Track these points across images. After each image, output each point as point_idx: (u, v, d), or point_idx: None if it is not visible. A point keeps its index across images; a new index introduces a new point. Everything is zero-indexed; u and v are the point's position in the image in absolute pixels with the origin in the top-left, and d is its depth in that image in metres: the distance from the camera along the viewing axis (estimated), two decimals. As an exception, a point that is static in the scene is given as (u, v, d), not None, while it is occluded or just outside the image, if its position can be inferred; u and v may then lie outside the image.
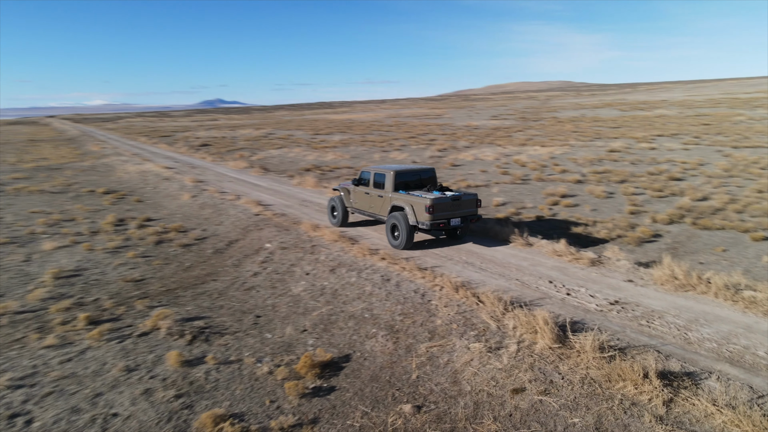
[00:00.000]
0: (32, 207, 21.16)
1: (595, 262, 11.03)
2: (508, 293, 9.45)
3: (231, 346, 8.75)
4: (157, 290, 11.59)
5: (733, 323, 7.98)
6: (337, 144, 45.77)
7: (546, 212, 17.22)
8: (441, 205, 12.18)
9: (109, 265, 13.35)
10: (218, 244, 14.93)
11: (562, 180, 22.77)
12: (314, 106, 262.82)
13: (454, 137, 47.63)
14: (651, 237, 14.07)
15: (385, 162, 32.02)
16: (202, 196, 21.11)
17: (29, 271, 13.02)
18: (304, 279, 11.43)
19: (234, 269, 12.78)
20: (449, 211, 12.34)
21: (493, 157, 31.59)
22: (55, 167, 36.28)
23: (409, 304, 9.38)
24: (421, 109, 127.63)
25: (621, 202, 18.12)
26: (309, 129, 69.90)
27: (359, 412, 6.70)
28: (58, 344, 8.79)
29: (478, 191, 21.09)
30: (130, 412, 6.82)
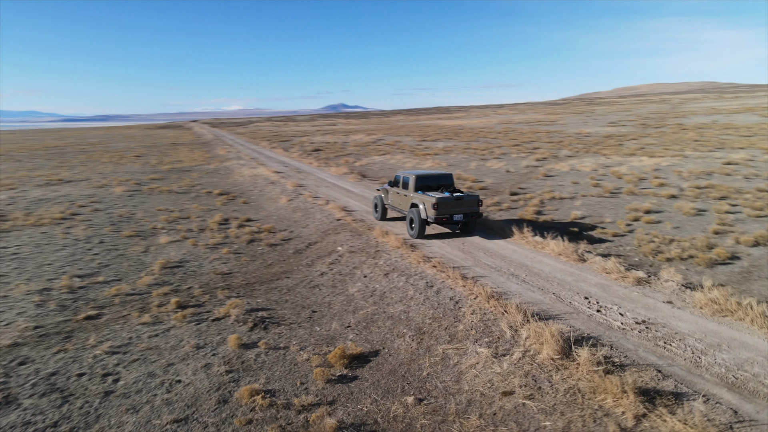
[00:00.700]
0: (159, 205, 24.56)
1: (642, 281, 11.04)
2: (537, 306, 9.95)
3: (283, 335, 10.17)
4: (238, 283, 13.42)
5: (756, 351, 7.89)
6: (439, 151, 46.71)
7: (622, 228, 16.94)
8: (445, 203, 14.91)
9: (206, 259, 15.52)
10: (299, 245, 16.64)
11: (655, 194, 21.91)
12: (431, 111, 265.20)
13: (559, 145, 46.54)
14: (726, 259, 13.50)
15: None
16: (298, 200, 23.19)
17: (145, 260, 15.54)
18: (360, 281, 12.65)
19: (306, 268, 14.33)
20: (453, 208, 15.04)
21: (591, 168, 30.77)
22: (186, 169, 41.00)
23: (441, 309, 10.21)
24: (536, 115, 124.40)
25: (710, 221, 17.27)
26: (418, 135, 71.46)
27: (370, 399, 7.74)
28: (151, 322, 10.77)
29: (562, 204, 21.06)
30: (190, 380, 8.43)
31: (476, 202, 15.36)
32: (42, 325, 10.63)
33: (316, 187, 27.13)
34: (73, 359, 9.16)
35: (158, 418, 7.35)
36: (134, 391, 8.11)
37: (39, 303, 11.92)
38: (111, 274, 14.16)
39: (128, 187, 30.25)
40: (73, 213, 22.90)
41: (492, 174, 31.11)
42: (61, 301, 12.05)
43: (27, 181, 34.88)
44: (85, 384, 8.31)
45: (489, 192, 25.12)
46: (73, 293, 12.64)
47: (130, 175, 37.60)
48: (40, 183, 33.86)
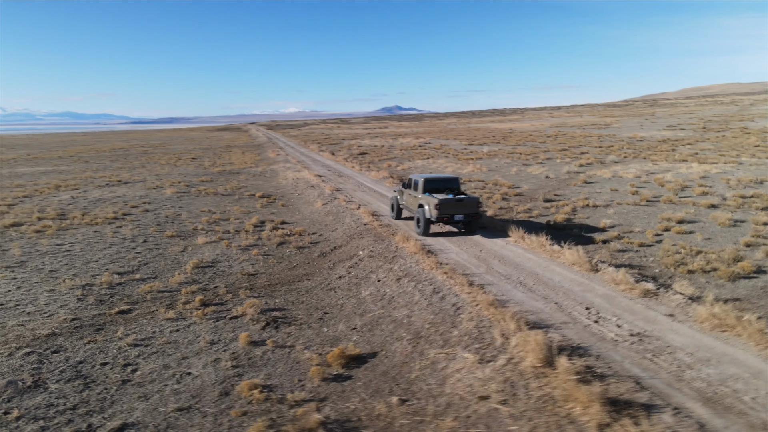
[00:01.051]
0: (204, 207, 25.90)
1: (649, 293, 10.99)
2: (536, 315, 10.13)
3: (292, 334, 10.80)
4: (262, 283, 14.20)
5: (744, 367, 7.85)
6: (483, 156, 46.58)
7: (650, 238, 16.67)
8: (446, 204, 16.32)
9: (236, 260, 16.42)
10: (325, 248, 17.31)
11: (695, 204, 21.28)
12: (485, 114, 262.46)
13: (608, 150, 45.45)
14: (750, 273, 13.13)
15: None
16: (332, 204, 23.93)
17: (181, 260, 16.61)
18: (374, 285, 13.15)
19: (327, 271, 14.96)
20: (454, 209, 16.41)
21: (634, 174, 30.03)
22: (235, 172, 42.73)
23: (441, 315, 10.56)
24: (592, 118, 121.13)
25: (744, 232, 16.72)
26: (466, 139, 71.25)
27: (359, 398, 8.22)
28: (175, 318, 11.65)
29: (595, 212, 20.83)
30: (199, 373, 9.17)
31: (476, 204, 16.71)
32: (79, 318, 11.70)
33: (353, 191, 27.83)
34: (101, 350, 10.11)
35: (165, 406, 8.10)
36: (148, 381, 8.92)
37: (80, 297, 13.07)
38: (148, 272, 15.26)
39: (178, 189, 31.94)
40: (125, 213, 24.50)
41: (531, 180, 30.89)
42: (100, 296, 13.16)
43: (90, 182, 37.36)
44: (107, 372, 9.19)
45: (523, 199, 25.04)
46: (111, 289, 13.75)
47: (183, 177, 39.56)
48: (101, 184, 36.20)
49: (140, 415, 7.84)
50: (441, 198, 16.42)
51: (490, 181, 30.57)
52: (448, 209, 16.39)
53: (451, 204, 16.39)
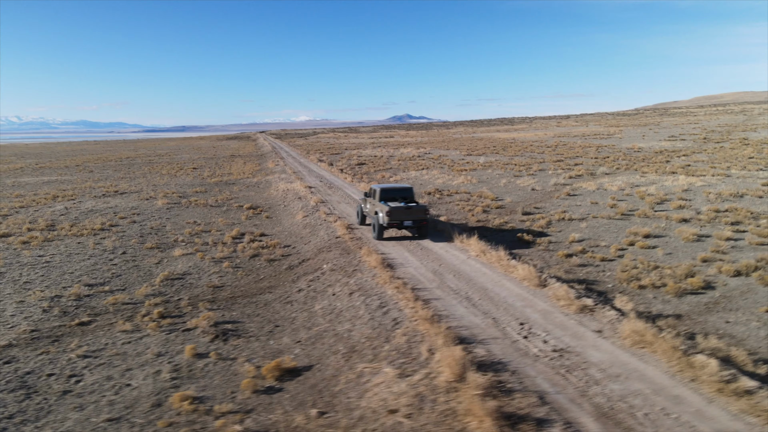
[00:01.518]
0: (190, 218, 26.45)
1: (585, 309, 11.26)
2: (469, 330, 10.45)
3: (239, 347, 11.20)
4: (225, 296, 14.62)
5: (649, 383, 8.11)
6: (478, 167, 46.87)
7: (613, 252, 16.90)
8: (396, 211, 18.10)
9: (207, 272, 16.88)
10: (294, 261, 17.73)
11: (668, 218, 21.44)
12: (493, 123, 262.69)
13: (602, 162, 45.57)
14: (699, 289, 13.36)
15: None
16: (312, 216, 24.37)
17: (154, 272, 17.09)
18: (328, 299, 13.52)
19: (290, 284, 15.37)
20: (403, 215, 18.19)
21: (619, 187, 30.19)
22: (231, 182, 43.38)
23: (379, 329, 10.91)
24: (597, 127, 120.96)
25: (705, 248, 16.89)
26: (466, 149, 71.56)
27: (282, 410, 8.58)
28: (130, 330, 12.10)
29: (569, 225, 21.06)
30: (138, 384, 9.59)
31: (424, 212, 18.52)
32: (39, 329, 12.20)
33: (338, 203, 28.27)
34: (51, 361, 10.57)
35: (97, 417, 8.51)
36: (88, 391, 9.35)
37: (46, 309, 13.59)
38: (119, 284, 15.76)
39: (170, 200, 32.59)
40: (113, 224, 25.12)
41: (517, 192, 31.15)
42: (65, 308, 13.66)
43: (87, 192, 38.16)
44: (51, 383, 9.64)
45: (503, 211, 25.33)
46: (78, 300, 14.26)
47: (179, 187, 40.26)
48: (98, 194, 36.97)
49: (71, 425, 8.26)
50: (392, 206, 18.25)
51: (476, 193, 30.88)
52: (398, 216, 18.14)
53: (401, 211, 18.14)
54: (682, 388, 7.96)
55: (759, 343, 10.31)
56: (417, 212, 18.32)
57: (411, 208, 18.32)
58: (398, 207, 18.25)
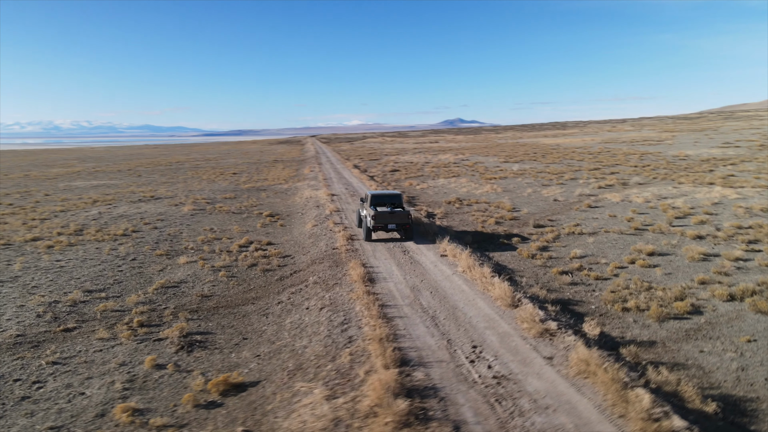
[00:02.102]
0: (209, 225, 27.27)
1: (545, 333, 10.92)
2: (419, 352, 10.35)
3: (200, 359, 11.50)
4: (209, 306, 15.03)
5: (575, 417, 7.80)
6: (509, 175, 46.09)
7: (609, 271, 16.30)
8: (382, 216, 20.14)
9: (202, 281, 17.38)
10: (287, 272, 18.00)
11: (684, 233, 20.46)
12: (545, 127, 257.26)
13: (640, 170, 43.91)
14: (684, 313, 12.70)
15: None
16: (321, 225, 24.66)
17: (153, 279, 17.74)
18: (299, 313, 13.68)
19: (274, 296, 15.63)
20: (387, 219, 20.16)
21: (645, 199, 29.01)
22: (262, 188, 44.38)
23: (330, 347, 10.95)
24: (650, 132, 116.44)
25: (708, 268, 16.03)
26: (505, 155, 70.49)
27: (213, 426, 8.77)
28: (106, 338, 12.63)
29: (576, 240, 20.46)
30: (92, 393, 10.02)
31: (406, 216, 20.39)
32: (24, 334, 12.92)
33: (352, 212, 28.44)
34: (23, 366, 11.19)
35: (42, 424, 8.97)
36: (45, 398, 9.85)
37: (40, 314, 14.36)
38: (116, 291, 16.45)
39: (197, 206, 33.68)
40: (135, 230, 26.23)
41: (538, 203, 30.46)
42: (58, 314, 14.40)
43: (126, 197, 39.93)
44: (14, 388, 10.22)
45: (516, 223, 24.84)
46: (72, 306, 15.00)
47: (211, 193, 41.54)
48: (134, 199, 38.63)
49: (15, 431, 8.73)
50: (378, 210, 20.57)
51: (495, 204, 30.40)
52: (383, 219, 20.19)
53: (385, 215, 20.23)
54: (606, 424, 7.63)
55: (725, 377, 9.74)
56: (400, 217, 20.31)
57: (395, 213, 20.35)
58: (383, 212, 20.40)
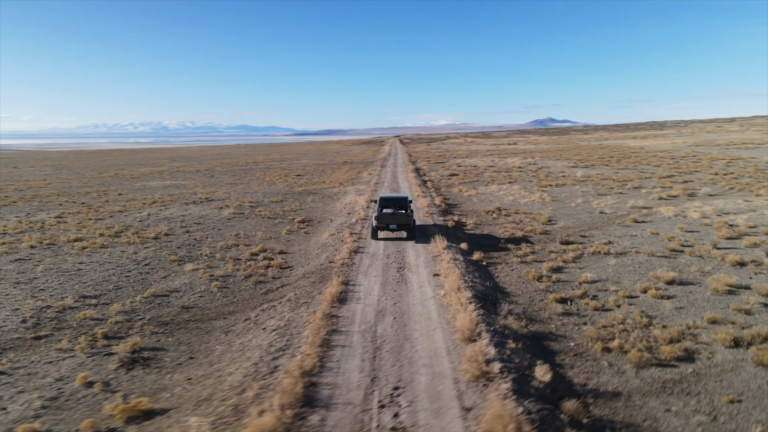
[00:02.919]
0: (237, 230, 27.68)
1: (483, 377, 9.73)
2: (331, 391, 9.56)
3: (134, 378, 11.39)
4: (181, 319, 15.01)
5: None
6: (570, 182, 43.40)
7: (613, 301, 14.55)
8: (383, 217, 22.08)
9: (193, 291, 17.46)
10: (275, 285, 17.70)
11: (724, 259, 17.95)
12: (640, 127, 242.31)
13: (720, 179, 39.75)
14: (671, 360, 10.97)
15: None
16: (338, 235, 24.22)
17: (152, 286, 18.04)
18: (254, 333, 13.26)
19: (248, 311, 15.34)
20: (389, 220, 22.03)
21: (702, 214, 26.01)
22: (313, 192, 44.77)
23: (248, 378, 10.38)
24: (755, 134, 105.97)
25: (728, 304, 13.82)
26: (577, 160, 66.78)
27: (97, 456, 8.52)
28: (64, 348, 12.88)
29: (597, 261, 18.65)
30: (11, 409, 10.15)
31: (406, 218, 22.02)
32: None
33: (379, 220, 27.80)
34: (-28, 374, 11.58)
35: (-53, 438, 9.14)
36: (-32, 410, 10.07)
37: (26, 319, 14.95)
38: (108, 298, 16.87)
39: (238, 210, 34.43)
40: (168, 233, 27.11)
41: (581, 215, 28.25)
42: (41, 319, 14.93)
43: (183, 199, 41.64)
44: (-52, 397, 10.55)
45: (543, 238, 23.09)
46: (59, 313, 15.51)
47: (262, 195, 42.41)
48: (188, 201, 40.16)
49: None
50: (380, 212, 22.54)
51: (533, 215, 28.57)
52: (385, 220, 22.08)
53: (387, 216, 22.11)
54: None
55: (678, 449, 8.15)
56: (400, 218, 22.06)
57: (395, 214, 22.19)
58: (385, 213, 22.30)
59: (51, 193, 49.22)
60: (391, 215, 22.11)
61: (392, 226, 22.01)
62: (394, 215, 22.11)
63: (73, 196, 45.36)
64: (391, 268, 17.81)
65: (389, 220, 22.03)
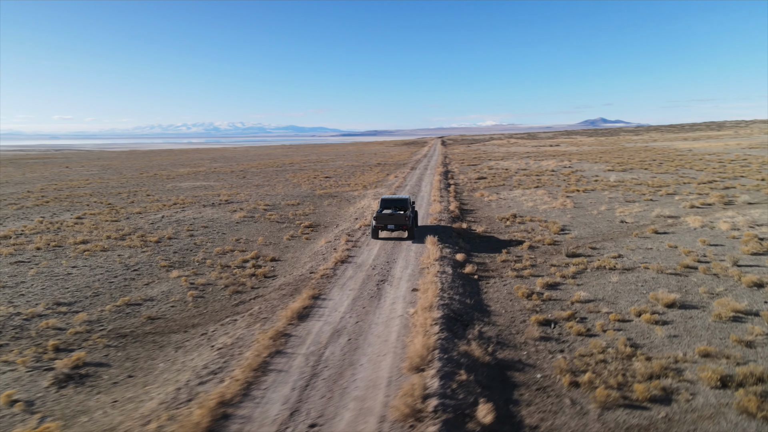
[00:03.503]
0: (240, 235, 27.24)
1: (411, 415, 8.59)
2: (241, 425, 8.66)
3: (63, 397, 10.84)
4: (141, 332, 14.45)
5: None
6: (600, 187, 41.18)
7: (599, 326, 13.08)
8: (381, 217, 22.88)
9: (167, 300, 16.94)
10: (249, 296, 16.96)
11: (740, 278, 16.08)
12: (696, 127, 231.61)
13: (765, 186, 36.80)
14: (644, 401, 9.53)
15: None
16: (334, 243, 23.37)
17: (130, 294, 17.66)
18: (200, 351, 12.50)
19: (212, 325, 14.64)
20: (386, 220, 22.81)
21: (731, 226, 23.78)
22: (334, 195, 44.10)
23: (162, 406, 9.61)
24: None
25: (731, 332, 12.16)
26: (616, 162, 63.79)
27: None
28: (9, 361, 12.48)
29: (598, 277, 17.12)
30: (-75, 427, 9.71)
31: (402, 218, 22.70)
32: (-52, 350, 13.21)
33: (383, 227, 26.81)
34: None
35: None
36: None
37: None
38: (81, 306, 16.54)
39: (251, 213, 34.09)
40: (171, 237, 26.92)
41: (598, 224, 26.42)
42: (5, 327, 14.68)
43: (201, 201, 41.73)
44: None
45: (550, 249, 21.55)
46: (26, 321, 15.24)
47: (281, 198, 42.07)
48: (206, 203, 40.13)
49: None
50: (380, 212, 23.43)
51: (548, 222, 26.93)
52: (382, 220, 22.87)
53: (384, 217, 22.89)
54: None
55: None
56: (397, 218, 22.72)
57: (393, 215, 22.88)
58: (384, 213, 23.06)
59: (85, 193, 50.38)
60: (389, 215, 22.84)
61: (390, 226, 22.80)
62: (393, 216, 22.80)
63: (103, 197, 46.24)
64: (372, 281, 16.80)
65: (387, 220, 22.78)
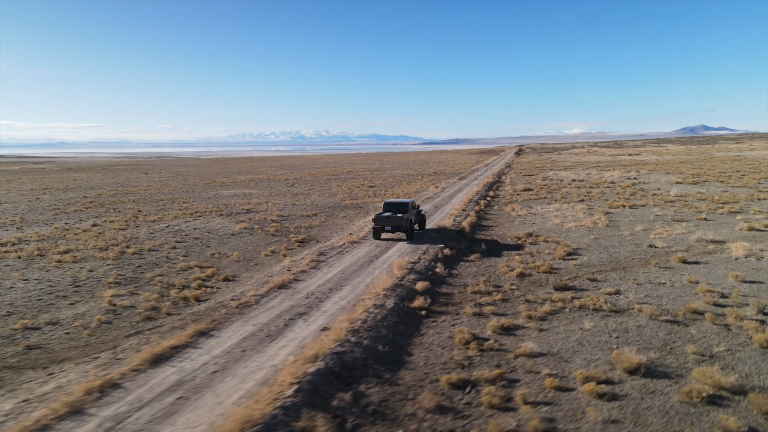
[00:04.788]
0: (222, 249, 25.59)
1: None
2: None
3: None
4: (2, 365, 12.76)
5: None
6: (651, 203, 36.13)
7: (520, 399, 9.81)
8: (380, 219, 24.40)
9: (71, 323, 15.24)
10: (150, 326, 14.85)
11: (756, 332, 12.02)
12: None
13: None
14: None
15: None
16: (298, 262, 21.02)
17: (51, 313, 16.17)
18: (34, 392, 10.51)
19: (82, 358, 12.69)
20: (384, 222, 24.31)
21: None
22: (360, 206, 41.81)
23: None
24: None
25: (707, 423, 8.50)
26: (690, 173, 57.06)
27: None
28: None
29: (575, 320, 13.64)
30: None
31: (399, 221, 24.06)
32: None
33: (377, 245, 24.17)
34: None
35: None
36: None
37: None
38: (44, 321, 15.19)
39: (252, 225, 32.51)
40: (153, 248, 25.71)
41: (620, 248, 22.33)
42: None
43: (226, 209, 40.78)
44: None
45: (543, 278, 18.06)
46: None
47: (303, 208, 40.33)
48: (225, 212, 39.07)
49: None
50: (376, 214, 24.94)
51: (558, 245, 23.15)
52: (380, 222, 24.44)
53: (382, 218, 24.40)
54: None
55: None
56: (394, 221, 24.15)
57: (389, 217, 24.28)
58: (381, 215, 24.59)
59: (128, 199, 51.20)
60: (386, 218, 24.23)
61: (387, 227, 24.24)
62: (389, 218, 24.18)
63: (142, 204, 46.53)
64: (287, 315, 14.30)
65: (384, 222, 24.26)
